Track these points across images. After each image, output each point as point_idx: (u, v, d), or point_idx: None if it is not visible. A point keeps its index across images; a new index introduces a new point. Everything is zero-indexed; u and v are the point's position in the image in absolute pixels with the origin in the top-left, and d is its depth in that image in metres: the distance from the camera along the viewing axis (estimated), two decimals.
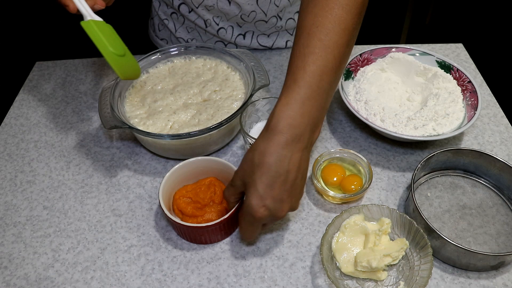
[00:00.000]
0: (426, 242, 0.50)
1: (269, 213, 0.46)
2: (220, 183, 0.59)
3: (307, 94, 0.45)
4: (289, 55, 0.50)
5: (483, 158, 0.59)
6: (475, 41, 2.05)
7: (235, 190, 0.50)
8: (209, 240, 0.56)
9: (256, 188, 0.45)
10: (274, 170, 0.44)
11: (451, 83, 0.68)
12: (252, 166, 0.45)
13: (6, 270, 0.55)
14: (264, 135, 0.46)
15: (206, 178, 0.59)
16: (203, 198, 0.57)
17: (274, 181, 0.44)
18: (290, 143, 0.45)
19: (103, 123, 0.60)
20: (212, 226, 0.52)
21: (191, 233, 0.55)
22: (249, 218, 0.47)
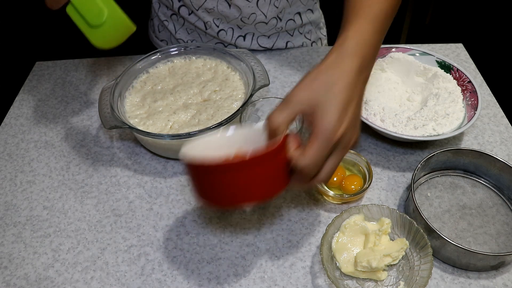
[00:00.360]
0: (426, 242, 0.50)
1: (344, 136, 0.42)
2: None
3: (375, 28, 0.47)
4: (289, 55, 0.50)
5: (483, 158, 0.59)
6: (475, 41, 2.05)
7: (291, 113, 0.42)
8: (248, 194, 0.40)
9: (335, 106, 0.41)
10: (349, 93, 0.42)
11: (451, 83, 0.68)
12: (326, 84, 0.42)
13: (6, 270, 0.55)
14: (332, 57, 0.44)
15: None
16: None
17: (349, 104, 0.42)
18: (360, 70, 0.44)
19: (103, 123, 0.60)
20: (261, 160, 0.37)
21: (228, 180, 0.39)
22: (325, 140, 0.40)
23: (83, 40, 0.60)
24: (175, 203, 0.61)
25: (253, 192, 0.41)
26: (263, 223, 0.58)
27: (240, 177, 0.39)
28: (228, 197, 0.41)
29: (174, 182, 0.63)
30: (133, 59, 0.82)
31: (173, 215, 0.59)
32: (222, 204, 0.42)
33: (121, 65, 0.85)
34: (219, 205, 0.44)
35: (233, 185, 0.40)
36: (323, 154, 0.41)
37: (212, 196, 0.41)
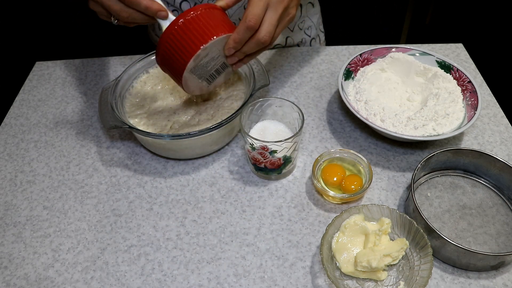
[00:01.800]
0: (426, 242, 0.50)
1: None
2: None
3: None
4: (289, 55, 0.51)
5: (483, 158, 0.59)
6: (475, 41, 2.05)
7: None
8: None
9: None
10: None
11: (451, 83, 0.68)
12: None
13: (6, 270, 0.55)
14: None
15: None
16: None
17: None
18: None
19: (103, 123, 0.60)
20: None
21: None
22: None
23: (83, 40, 0.60)
24: (175, 203, 0.61)
25: (211, 30, 0.52)
26: (263, 223, 0.58)
27: (199, 20, 0.51)
28: (197, 38, 0.51)
29: (174, 182, 0.64)
30: (133, 59, 0.82)
31: (173, 215, 0.59)
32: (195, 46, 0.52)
33: (121, 65, 0.85)
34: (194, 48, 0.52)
35: (198, 27, 0.51)
36: (257, 5, 0.50)
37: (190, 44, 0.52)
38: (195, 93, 0.60)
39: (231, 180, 0.63)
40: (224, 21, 0.54)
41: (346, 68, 0.71)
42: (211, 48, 0.53)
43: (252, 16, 0.50)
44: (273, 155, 0.57)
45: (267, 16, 0.52)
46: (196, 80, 0.57)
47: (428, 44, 0.86)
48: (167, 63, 0.55)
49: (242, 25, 0.51)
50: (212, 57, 0.55)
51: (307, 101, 0.75)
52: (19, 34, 2.18)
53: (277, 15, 0.52)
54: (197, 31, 0.51)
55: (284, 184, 0.63)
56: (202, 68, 0.56)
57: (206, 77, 0.58)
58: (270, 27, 0.52)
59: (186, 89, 0.58)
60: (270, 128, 0.62)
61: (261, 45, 0.53)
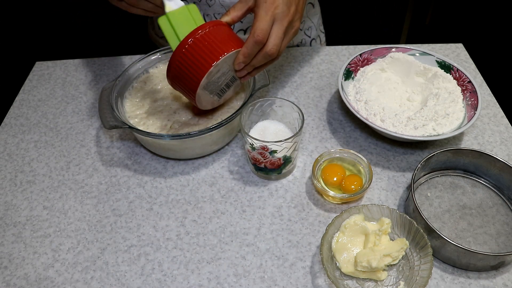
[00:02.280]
0: (426, 242, 0.50)
1: (280, 6, 0.53)
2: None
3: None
4: (289, 55, 0.52)
5: (483, 158, 0.59)
6: (475, 41, 2.05)
7: (245, 4, 0.55)
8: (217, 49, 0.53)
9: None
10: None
11: (451, 83, 0.68)
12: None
13: (6, 270, 0.55)
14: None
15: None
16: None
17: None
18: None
19: (103, 123, 0.60)
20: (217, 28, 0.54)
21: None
22: (264, 8, 0.53)
23: (83, 40, 0.60)
24: (175, 203, 0.61)
25: (221, 47, 0.53)
26: (263, 223, 0.58)
27: (208, 37, 0.53)
28: (208, 55, 0.53)
29: (174, 182, 0.64)
30: (133, 59, 0.82)
31: (173, 215, 0.59)
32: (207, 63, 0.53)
33: (121, 65, 0.85)
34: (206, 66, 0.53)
35: (207, 44, 0.53)
36: (263, 19, 0.52)
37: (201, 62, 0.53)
38: (207, 108, 0.62)
39: (231, 180, 0.63)
40: (232, 37, 0.56)
41: (346, 68, 0.71)
42: (222, 64, 0.54)
43: (260, 31, 0.52)
44: (273, 155, 0.57)
45: (273, 30, 0.54)
46: (208, 96, 0.58)
47: (428, 44, 0.86)
48: (179, 81, 0.56)
49: (251, 40, 0.53)
50: (223, 73, 0.56)
51: (307, 101, 0.75)
52: (19, 34, 2.18)
53: (283, 29, 0.54)
54: (207, 48, 0.53)
55: (284, 184, 0.63)
56: (214, 84, 0.57)
57: (217, 91, 0.59)
58: (276, 40, 0.54)
59: (199, 105, 0.59)
60: (270, 128, 0.62)
61: (269, 57, 0.55)
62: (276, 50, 0.54)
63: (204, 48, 0.53)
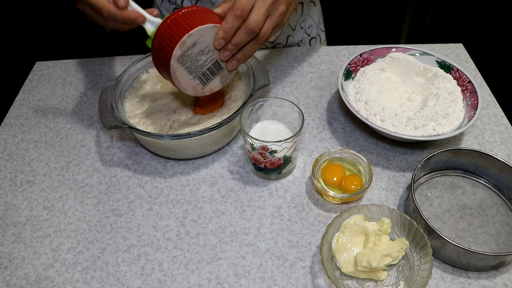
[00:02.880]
0: (426, 242, 0.50)
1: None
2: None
3: None
4: (289, 55, 0.51)
5: (483, 158, 0.59)
6: (475, 41, 2.05)
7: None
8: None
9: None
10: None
11: (451, 83, 0.68)
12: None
13: (6, 270, 0.55)
14: None
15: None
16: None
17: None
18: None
19: (103, 123, 0.60)
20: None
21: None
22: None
23: (83, 40, 0.60)
24: (175, 203, 0.61)
25: (198, 20, 0.53)
26: (263, 223, 0.58)
27: (188, 14, 0.53)
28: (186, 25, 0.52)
29: (174, 182, 0.64)
30: (133, 59, 0.82)
31: (173, 215, 0.59)
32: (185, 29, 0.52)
33: (121, 65, 0.85)
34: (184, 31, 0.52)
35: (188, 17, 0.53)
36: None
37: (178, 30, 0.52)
38: (189, 92, 0.59)
39: (231, 180, 0.63)
40: (213, 15, 0.55)
41: (346, 68, 0.71)
42: (198, 37, 0.53)
43: (240, 5, 0.51)
44: (273, 155, 0.57)
45: (255, 6, 0.52)
46: (186, 75, 0.56)
47: (428, 44, 0.86)
48: (158, 57, 0.55)
49: (230, 14, 0.52)
50: (202, 50, 0.55)
51: (307, 101, 0.75)
52: (19, 34, 2.18)
53: (266, 6, 0.52)
54: (185, 21, 0.53)
55: (284, 184, 0.63)
56: (192, 61, 0.55)
57: (198, 74, 0.57)
58: (258, 15, 0.52)
59: (177, 84, 0.57)
60: (270, 128, 0.62)
61: (251, 34, 0.53)
62: (257, 26, 0.52)
63: (182, 21, 0.52)
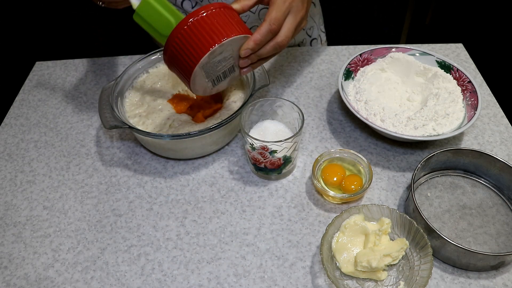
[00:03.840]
0: (426, 242, 0.50)
1: (294, 2, 0.53)
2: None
3: None
4: (289, 55, 0.51)
5: (483, 158, 0.59)
6: (475, 41, 2.05)
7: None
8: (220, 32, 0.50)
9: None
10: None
11: (451, 83, 0.68)
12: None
13: (6, 270, 0.55)
14: None
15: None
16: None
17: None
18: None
19: (103, 123, 0.60)
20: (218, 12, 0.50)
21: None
22: (281, 2, 0.52)
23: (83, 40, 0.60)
24: (175, 203, 0.61)
25: (224, 29, 0.50)
26: (263, 223, 0.58)
27: (218, 15, 0.50)
28: (211, 36, 0.50)
29: (174, 182, 0.64)
30: (133, 59, 0.82)
31: (173, 215, 0.59)
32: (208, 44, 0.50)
33: (121, 65, 0.85)
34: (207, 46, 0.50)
35: (212, 26, 0.50)
36: (281, 9, 0.52)
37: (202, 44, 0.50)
38: (199, 93, 0.58)
39: (231, 180, 0.63)
40: (240, 22, 0.54)
41: (346, 68, 0.71)
42: (227, 46, 0.51)
43: (276, 19, 0.52)
44: (273, 155, 0.57)
45: (287, 21, 0.53)
46: (203, 79, 0.55)
47: (428, 44, 0.86)
48: (178, 56, 0.52)
49: (266, 27, 0.51)
50: (225, 57, 0.53)
51: (307, 101, 0.75)
52: (19, 34, 2.18)
53: (296, 23, 0.54)
54: (215, 27, 0.50)
55: (284, 184, 0.63)
56: (213, 67, 0.54)
57: (213, 77, 0.56)
58: (288, 32, 0.53)
59: (192, 86, 0.56)
60: (270, 128, 0.62)
61: (278, 48, 0.54)
62: (287, 42, 0.54)
63: (212, 26, 0.50)
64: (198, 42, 0.50)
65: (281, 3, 0.52)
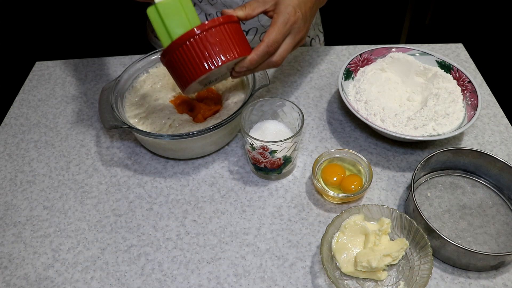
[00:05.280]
0: (426, 242, 0.50)
1: (296, 22, 0.53)
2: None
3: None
4: (289, 55, 0.51)
5: (483, 158, 0.59)
6: (475, 41, 2.05)
7: (262, 5, 0.54)
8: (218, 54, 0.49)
9: (292, 1, 0.53)
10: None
11: (451, 83, 0.68)
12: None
13: (6, 270, 0.55)
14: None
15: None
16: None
17: (304, 3, 0.54)
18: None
19: (103, 123, 0.60)
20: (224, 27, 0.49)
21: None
22: (282, 22, 0.52)
23: (83, 40, 0.60)
24: (175, 203, 0.61)
25: (224, 49, 0.50)
26: (263, 223, 0.58)
27: (219, 34, 0.50)
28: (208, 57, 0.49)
29: (174, 182, 0.64)
30: (133, 59, 0.82)
31: (173, 215, 0.59)
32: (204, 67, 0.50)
33: (121, 65, 0.85)
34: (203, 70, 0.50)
35: (212, 44, 0.49)
36: (281, 32, 0.52)
37: (197, 63, 0.50)
38: (189, 94, 0.59)
39: (231, 180, 0.63)
40: (242, 39, 0.52)
41: (346, 68, 0.71)
42: (224, 66, 0.51)
43: (274, 42, 0.52)
44: (273, 155, 0.57)
45: (285, 42, 0.54)
46: (197, 86, 0.56)
47: (428, 44, 0.86)
48: (176, 66, 0.52)
49: (263, 49, 0.52)
50: (220, 71, 0.54)
51: (307, 101, 0.75)
52: (19, 34, 2.18)
53: (293, 43, 0.54)
54: (220, 44, 0.50)
55: (284, 184, 0.63)
56: (207, 79, 0.55)
57: (205, 83, 0.57)
58: (284, 53, 0.54)
59: (185, 92, 0.56)
60: (270, 128, 0.62)
61: (272, 67, 0.55)
62: (281, 61, 0.54)
63: (217, 43, 0.49)
64: (198, 61, 0.50)
65: (282, 26, 0.52)
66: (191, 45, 0.49)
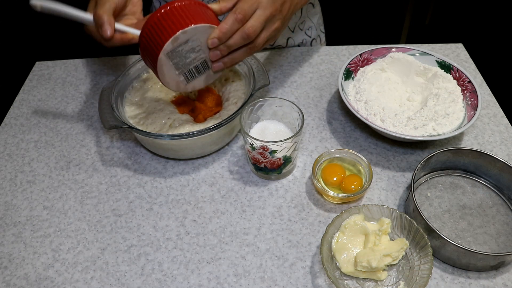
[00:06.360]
0: (426, 242, 0.50)
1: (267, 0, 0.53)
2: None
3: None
4: (289, 55, 0.51)
5: (483, 158, 0.59)
6: (475, 41, 2.05)
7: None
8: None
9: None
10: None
11: (451, 83, 0.68)
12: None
13: (6, 270, 0.55)
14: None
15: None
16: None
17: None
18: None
19: (103, 123, 0.60)
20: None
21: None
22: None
23: (83, 40, 0.60)
24: (175, 203, 0.61)
25: (196, 17, 0.52)
26: (263, 223, 0.58)
27: (185, 7, 0.52)
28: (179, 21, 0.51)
29: (174, 182, 0.64)
30: (133, 59, 0.82)
31: (173, 215, 0.59)
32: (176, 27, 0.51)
33: (121, 65, 0.85)
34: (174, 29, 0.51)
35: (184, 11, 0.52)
36: (247, 3, 0.52)
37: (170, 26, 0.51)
38: (171, 87, 0.58)
39: (231, 180, 0.63)
40: (211, 15, 0.54)
41: (346, 68, 0.71)
42: (192, 35, 0.52)
43: (242, 10, 0.52)
44: (273, 155, 0.57)
45: (255, 14, 0.53)
46: (172, 70, 0.55)
47: (428, 44, 0.86)
48: (146, 48, 0.54)
49: (231, 17, 0.52)
50: (193, 48, 0.54)
51: (307, 101, 0.75)
52: (19, 34, 2.18)
53: (264, 16, 0.53)
54: (180, 16, 0.51)
55: (284, 184, 0.63)
56: (181, 58, 0.54)
57: (184, 71, 0.56)
58: (257, 22, 0.53)
59: (161, 77, 0.55)
60: (270, 128, 0.62)
61: (246, 38, 0.53)
62: (254, 32, 0.53)
63: (177, 15, 0.51)
64: (163, 30, 0.51)
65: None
66: (155, 23, 0.51)
